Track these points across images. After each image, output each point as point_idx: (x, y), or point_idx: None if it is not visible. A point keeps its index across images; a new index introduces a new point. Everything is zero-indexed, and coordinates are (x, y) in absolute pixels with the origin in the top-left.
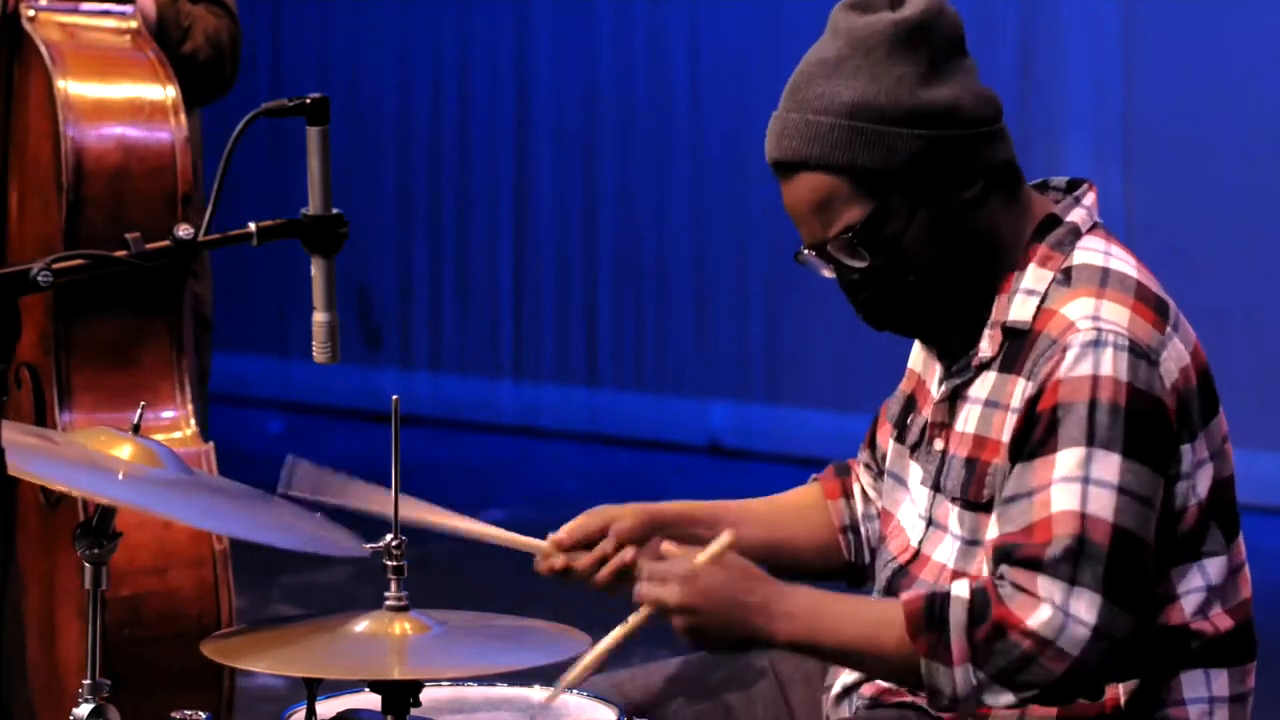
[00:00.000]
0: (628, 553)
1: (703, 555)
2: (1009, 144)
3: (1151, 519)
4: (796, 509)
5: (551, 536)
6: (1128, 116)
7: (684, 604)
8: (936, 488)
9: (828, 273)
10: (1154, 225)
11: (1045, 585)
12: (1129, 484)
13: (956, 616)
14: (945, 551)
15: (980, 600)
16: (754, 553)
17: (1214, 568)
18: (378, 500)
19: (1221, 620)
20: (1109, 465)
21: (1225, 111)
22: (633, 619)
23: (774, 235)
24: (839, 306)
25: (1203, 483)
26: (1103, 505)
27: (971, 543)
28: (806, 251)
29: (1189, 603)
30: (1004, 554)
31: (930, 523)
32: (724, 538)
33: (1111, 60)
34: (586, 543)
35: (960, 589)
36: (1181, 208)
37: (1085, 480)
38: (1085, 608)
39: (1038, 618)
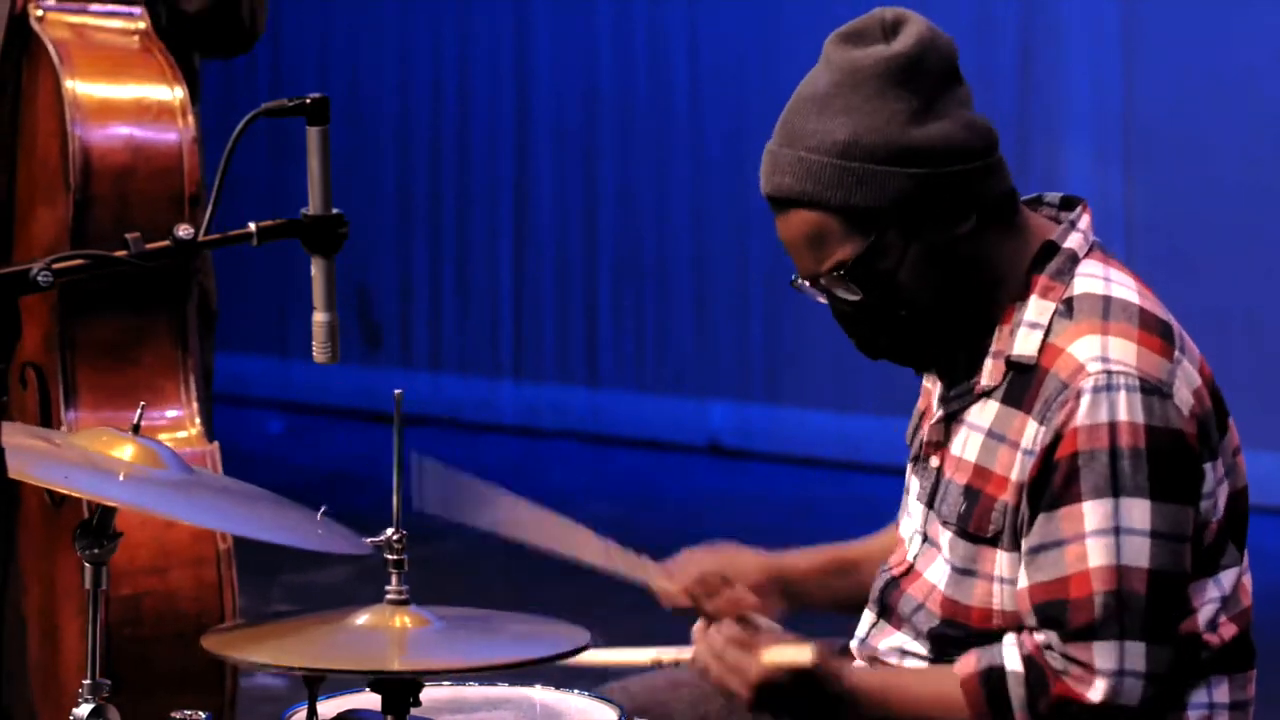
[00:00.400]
0: (747, 600)
1: (774, 656)
2: (1005, 175)
3: (1185, 551)
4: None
5: (674, 575)
6: (1128, 116)
7: (755, 702)
8: (930, 505)
9: (823, 299)
10: (1154, 225)
11: (1100, 655)
12: (1160, 526)
13: (1017, 695)
14: (936, 573)
15: (1035, 675)
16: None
17: (1228, 579)
18: (512, 516)
19: (1226, 629)
20: (1139, 513)
21: (1225, 111)
22: (673, 655)
23: (774, 235)
24: None
25: (1222, 499)
26: (1137, 554)
27: (965, 571)
28: (802, 281)
29: (1203, 614)
30: (1051, 620)
31: (925, 539)
32: (805, 655)
33: (1111, 60)
34: (709, 590)
35: (1013, 661)
36: (1182, 208)
37: (1116, 531)
38: (1136, 659)
39: (1097, 691)
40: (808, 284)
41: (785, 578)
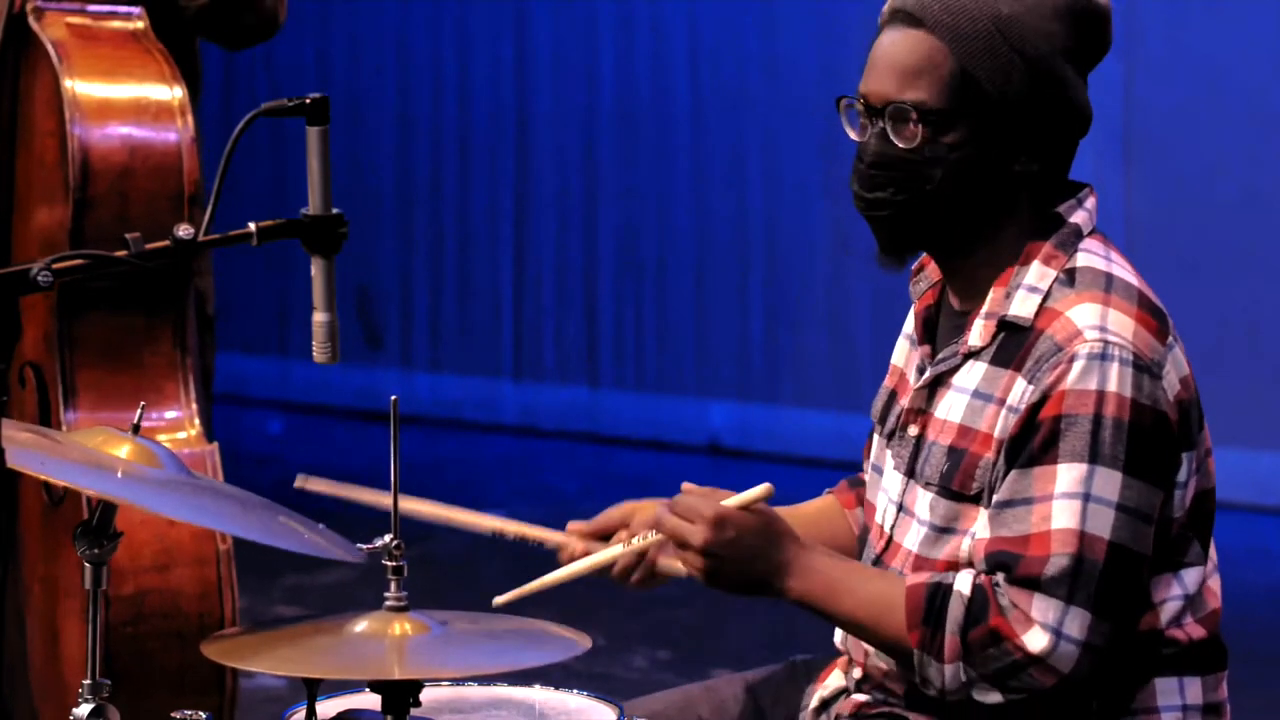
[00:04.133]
0: (647, 539)
1: (734, 500)
2: (1066, 162)
3: (1149, 532)
4: (818, 518)
5: (571, 525)
6: (1128, 117)
7: (709, 547)
8: (910, 474)
9: (852, 133)
10: (1154, 227)
11: (1040, 606)
12: (1129, 500)
13: (954, 615)
14: (913, 538)
15: (979, 602)
16: None
17: (1191, 578)
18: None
19: (1194, 629)
20: (1110, 483)
21: (1225, 112)
22: (638, 543)
23: (774, 235)
24: (839, 306)
25: (1190, 493)
26: (1101, 523)
27: (943, 530)
28: (856, 101)
29: (1166, 611)
30: (1001, 565)
31: (901, 509)
32: (761, 487)
33: (1111, 60)
34: (606, 534)
35: (963, 584)
36: (1182, 209)
37: (1086, 497)
38: (1077, 626)
39: (1031, 638)
40: (859, 105)
41: None
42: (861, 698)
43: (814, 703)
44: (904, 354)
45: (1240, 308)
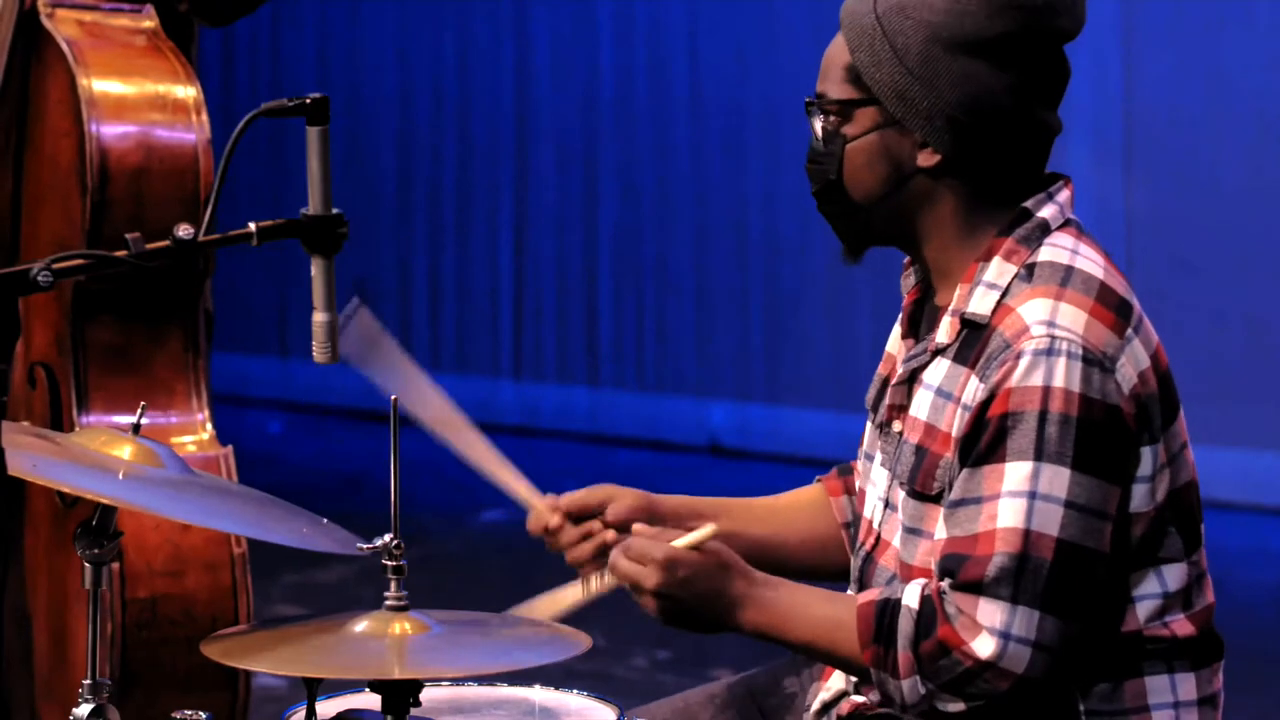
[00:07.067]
0: (609, 534)
1: (682, 540)
2: (1016, 163)
3: (1103, 529)
4: (797, 507)
5: (550, 498)
6: (1128, 116)
7: (661, 589)
8: (892, 471)
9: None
10: (1154, 225)
11: (985, 610)
12: (1077, 497)
13: (904, 630)
14: (899, 537)
15: (927, 614)
16: (753, 549)
17: (1173, 574)
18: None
19: (1182, 627)
20: (1058, 480)
21: (1225, 111)
22: (596, 587)
23: (774, 236)
24: (839, 306)
25: (1162, 488)
26: (1048, 520)
27: (912, 531)
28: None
29: (1143, 608)
30: (948, 570)
31: (886, 504)
32: (707, 529)
33: (1111, 60)
34: (581, 515)
35: (911, 598)
36: (1182, 208)
37: (1032, 495)
38: (1025, 626)
39: (979, 645)
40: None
41: (655, 512)
42: (860, 699)
43: (816, 704)
44: (897, 344)
45: (1240, 307)
